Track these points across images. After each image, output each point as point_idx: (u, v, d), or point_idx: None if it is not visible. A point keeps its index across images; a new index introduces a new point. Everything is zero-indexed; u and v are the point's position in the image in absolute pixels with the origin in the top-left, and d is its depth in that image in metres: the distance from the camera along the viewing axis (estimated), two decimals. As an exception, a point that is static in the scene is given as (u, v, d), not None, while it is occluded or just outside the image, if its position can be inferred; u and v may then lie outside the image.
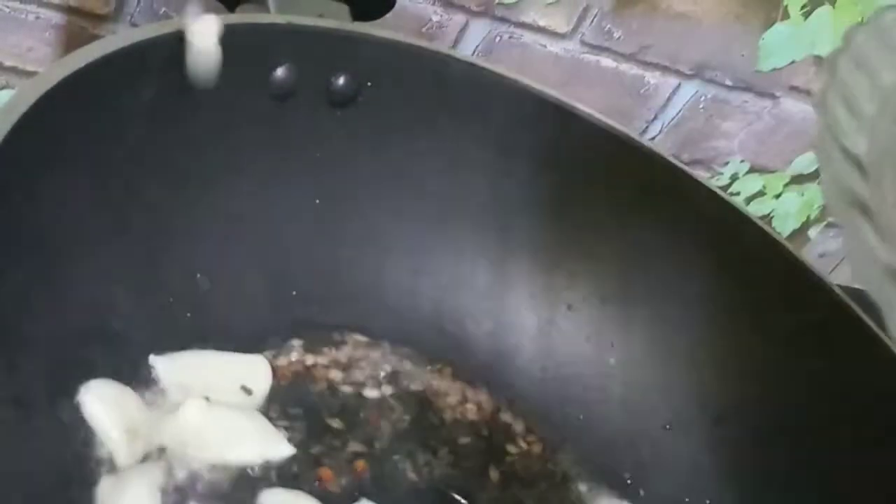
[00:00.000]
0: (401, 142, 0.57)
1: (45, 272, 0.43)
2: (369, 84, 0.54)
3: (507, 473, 0.56)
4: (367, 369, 0.58)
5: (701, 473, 0.58)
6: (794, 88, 0.84)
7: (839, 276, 0.96)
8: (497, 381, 0.60)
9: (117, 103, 0.45)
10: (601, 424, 0.60)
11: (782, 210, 0.93)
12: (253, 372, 0.53)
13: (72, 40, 0.69)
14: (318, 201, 0.56)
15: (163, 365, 0.50)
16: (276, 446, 0.51)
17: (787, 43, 0.80)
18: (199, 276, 0.53)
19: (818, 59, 0.82)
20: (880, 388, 0.54)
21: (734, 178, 0.89)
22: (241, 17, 0.53)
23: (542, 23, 0.75)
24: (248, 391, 0.52)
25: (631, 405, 0.60)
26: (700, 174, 0.60)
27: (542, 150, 0.58)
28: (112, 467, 0.46)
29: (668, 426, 0.59)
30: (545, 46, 0.77)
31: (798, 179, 0.91)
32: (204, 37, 0.46)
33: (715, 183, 0.66)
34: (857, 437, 0.54)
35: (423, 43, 0.58)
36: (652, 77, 0.81)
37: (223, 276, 0.53)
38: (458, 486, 0.55)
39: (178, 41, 0.46)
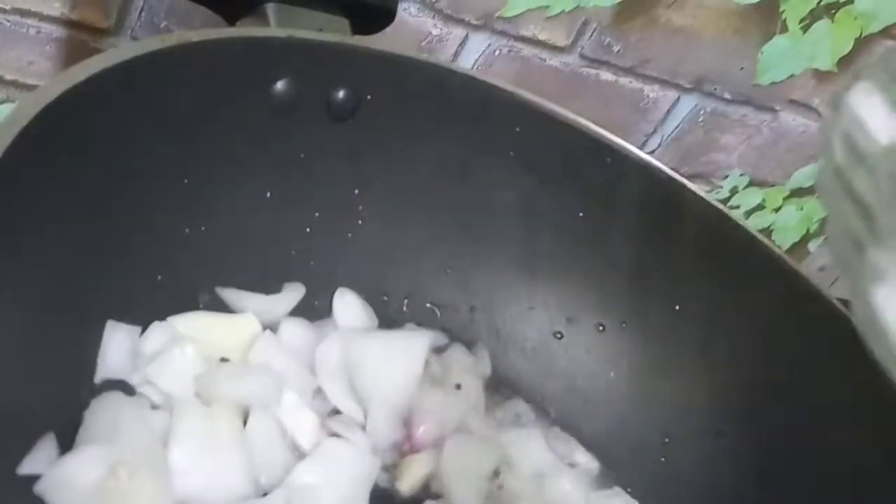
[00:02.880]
0: (401, 155, 0.57)
1: (43, 286, 0.43)
2: (369, 97, 0.54)
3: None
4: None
5: (701, 487, 0.58)
6: (793, 102, 0.84)
7: (839, 290, 0.96)
8: (497, 394, 0.60)
9: (118, 117, 0.45)
10: (602, 437, 0.59)
11: (782, 223, 0.93)
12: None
13: (72, 54, 0.69)
14: (317, 214, 0.56)
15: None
16: None
17: (785, 56, 0.80)
18: (199, 288, 0.53)
19: (817, 73, 0.82)
20: (883, 402, 0.53)
21: (734, 191, 0.89)
22: (241, 30, 0.53)
23: (541, 36, 0.76)
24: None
25: (631, 418, 0.60)
26: (699, 188, 0.60)
27: (541, 163, 0.59)
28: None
29: (667, 439, 0.59)
30: (545, 60, 0.77)
31: (797, 193, 0.91)
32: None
33: (714, 196, 0.66)
34: (859, 452, 0.54)
35: (423, 56, 0.58)
36: (651, 90, 0.81)
37: (223, 289, 0.54)
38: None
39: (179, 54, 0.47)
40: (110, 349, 0.47)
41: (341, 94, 0.54)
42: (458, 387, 0.56)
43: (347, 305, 0.57)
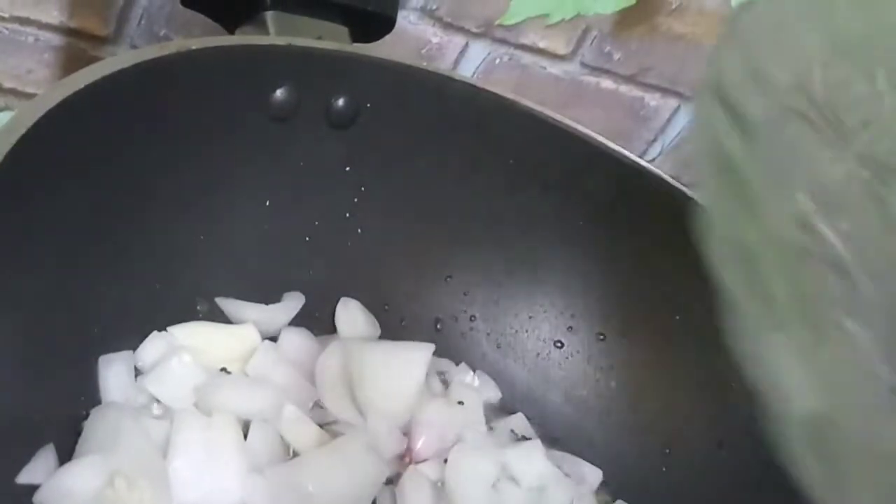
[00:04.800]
0: (400, 162, 0.57)
1: (42, 296, 0.43)
2: (369, 105, 0.54)
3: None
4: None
5: (702, 497, 0.57)
6: (793, 110, 0.84)
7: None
8: (498, 403, 0.60)
9: (117, 125, 0.45)
10: (603, 447, 0.59)
11: (782, 231, 0.93)
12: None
13: (71, 62, 0.69)
14: (317, 222, 0.56)
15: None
16: None
17: (786, 64, 0.80)
18: (197, 298, 0.52)
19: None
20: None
21: (734, 199, 0.89)
22: (240, 38, 0.53)
23: (541, 44, 0.76)
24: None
25: (632, 428, 0.60)
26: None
27: (541, 172, 0.58)
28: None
29: (668, 450, 0.59)
30: (545, 68, 0.77)
31: (798, 201, 0.91)
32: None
33: (715, 204, 0.66)
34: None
35: (423, 64, 0.58)
36: (652, 99, 0.81)
37: (222, 299, 0.53)
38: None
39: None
40: (109, 381, 0.47)
41: (341, 101, 0.54)
42: (461, 403, 0.56)
43: (350, 315, 0.56)
